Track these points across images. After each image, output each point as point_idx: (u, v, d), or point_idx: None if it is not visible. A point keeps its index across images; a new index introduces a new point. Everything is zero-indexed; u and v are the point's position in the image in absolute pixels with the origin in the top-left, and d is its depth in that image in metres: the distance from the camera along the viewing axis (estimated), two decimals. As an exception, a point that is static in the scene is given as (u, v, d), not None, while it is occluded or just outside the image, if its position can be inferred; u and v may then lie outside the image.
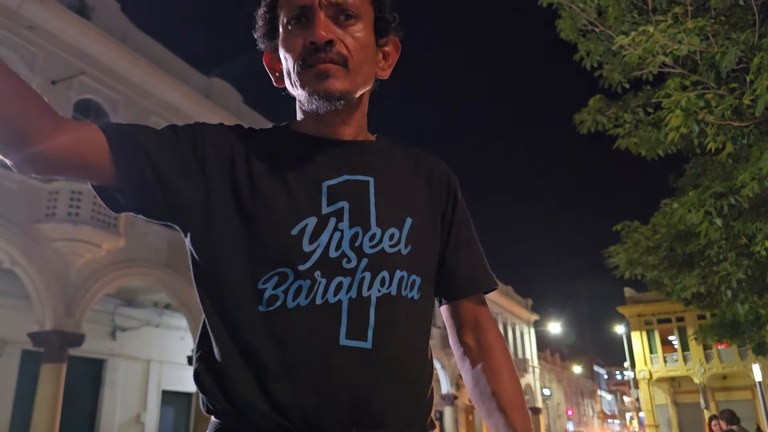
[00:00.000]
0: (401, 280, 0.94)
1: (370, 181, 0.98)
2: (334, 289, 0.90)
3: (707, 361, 39.05)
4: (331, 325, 0.89)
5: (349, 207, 0.95)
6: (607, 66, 8.47)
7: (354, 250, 0.92)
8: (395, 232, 0.96)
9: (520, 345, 41.52)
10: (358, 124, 1.05)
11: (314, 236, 0.92)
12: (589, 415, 64.91)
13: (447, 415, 27.65)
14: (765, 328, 12.36)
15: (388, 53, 1.07)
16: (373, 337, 0.90)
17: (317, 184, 0.95)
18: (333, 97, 0.94)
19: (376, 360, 0.90)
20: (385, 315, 0.91)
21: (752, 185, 6.89)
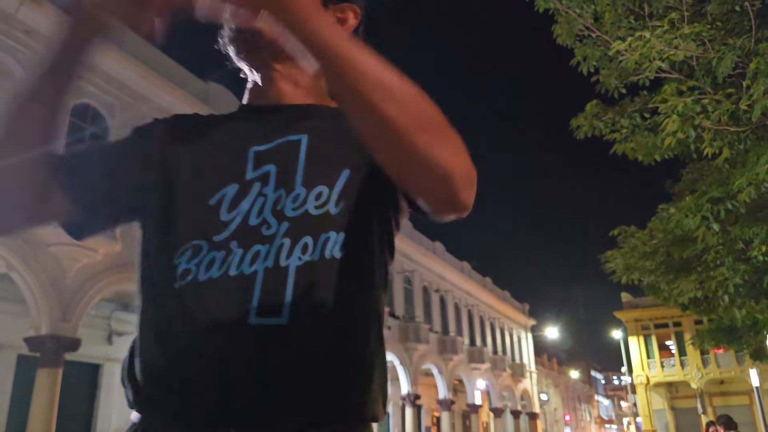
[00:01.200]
0: (325, 242, 0.82)
1: (303, 138, 0.88)
2: (251, 259, 0.80)
3: (704, 366, 39.05)
4: (243, 299, 0.78)
5: (276, 170, 0.86)
6: (604, 71, 8.49)
7: (275, 214, 0.83)
8: (323, 191, 0.84)
9: (517, 350, 41.47)
10: (302, 85, 0.97)
11: (233, 204, 0.84)
12: (587, 420, 64.84)
13: (444, 420, 27.59)
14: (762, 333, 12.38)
15: (343, 19, 1.00)
16: (290, 313, 0.78)
17: (243, 150, 0.88)
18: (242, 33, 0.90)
19: (293, 339, 0.77)
20: (305, 286, 0.80)
21: (749, 190, 6.91)
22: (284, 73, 0.96)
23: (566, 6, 8.13)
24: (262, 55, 0.94)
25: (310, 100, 0.96)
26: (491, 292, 38.11)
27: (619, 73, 8.32)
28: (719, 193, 7.64)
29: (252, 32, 0.89)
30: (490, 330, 36.81)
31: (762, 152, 6.91)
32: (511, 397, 37.36)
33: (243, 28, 0.90)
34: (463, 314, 33.09)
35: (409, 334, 24.04)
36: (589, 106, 8.86)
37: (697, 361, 39.04)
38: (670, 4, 7.86)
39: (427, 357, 25.68)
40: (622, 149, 8.76)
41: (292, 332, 0.78)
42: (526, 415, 39.84)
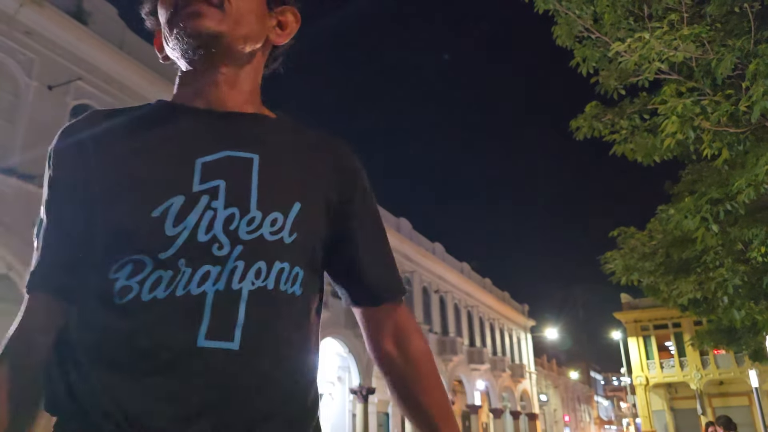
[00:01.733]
0: (281, 272, 0.82)
1: (255, 158, 0.87)
2: (200, 279, 0.78)
3: (704, 367, 39.06)
4: (191, 321, 0.77)
5: (226, 185, 0.83)
6: (603, 72, 8.50)
7: (227, 234, 0.80)
8: (278, 217, 0.84)
9: (516, 351, 41.48)
10: (247, 92, 0.95)
11: (180, 217, 0.80)
12: (586, 420, 64.83)
13: (444, 421, 27.54)
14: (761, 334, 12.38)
15: (285, 22, 1.01)
16: (241, 336, 0.78)
17: (190, 161, 0.84)
18: (201, 36, 0.87)
19: (244, 364, 0.77)
20: (258, 312, 0.79)
21: (748, 191, 6.92)
22: (228, 77, 0.93)
23: (566, 7, 8.14)
24: (213, 57, 0.91)
25: (250, 108, 0.95)
26: (491, 293, 38.11)
27: (618, 74, 8.34)
28: (718, 194, 7.64)
29: (210, 36, 0.88)
30: (490, 331, 36.81)
31: (761, 153, 6.92)
32: (511, 398, 37.36)
33: (201, 30, 0.88)
34: (463, 315, 33.10)
35: (409, 334, 24.04)
36: (588, 107, 8.87)
37: (696, 362, 39.04)
38: (670, 5, 7.87)
39: (426, 358, 25.65)
40: (622, 150, 8.77)
41: (242, 357, 0.77)
42: (526, 416, 39.83)
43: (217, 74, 0.92)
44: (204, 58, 0.90)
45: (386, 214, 26.47)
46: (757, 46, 7.18)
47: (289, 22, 1.02)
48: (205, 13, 0.87)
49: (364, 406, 20.35)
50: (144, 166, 0.84)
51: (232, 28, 0.89)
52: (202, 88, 0.93)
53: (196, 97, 0.93)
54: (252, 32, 0.93)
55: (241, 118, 0.92)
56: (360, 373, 20.75)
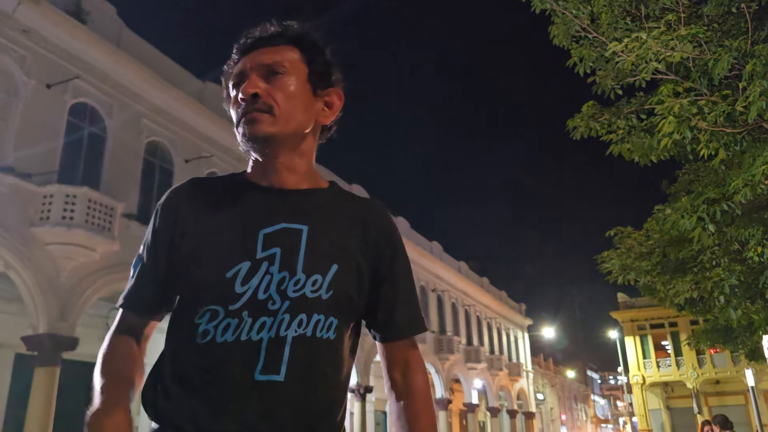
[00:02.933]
0: (318, 322, 1.05)
1: (304, 229, 1.09)
2: (258, 327, 1.01)
3: (700, 366, 39.14)
4: (251, 360, 1.00)
5: (281, 253, 1.06)
6: (600, 72, 8.51)
7: (279, 293, 1.03)
8: (318, 278, 1.06)
9: (513, 349, 41.52)
10: (301, 171, 1.16)
11: (246, 279, 1.03)
12: (583, 419, 64.91)
13: (441, 420, 27.62)
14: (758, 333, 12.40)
15: (331, 102, 1.21)
16: (286, 371, 1.01)
17: (255, 231, 1.07)
18: (258, 139, 1.10)
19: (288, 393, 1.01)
20: (299, 353, 1.02)
21: (745, 191, 6.94)
22: (285, 162, 1.15)
23: (563, 7, 8.16)
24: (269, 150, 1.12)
25: (305, 184, 1.17)
26: (488, 292, 38.14)
27: (615, 74, 8.34)
28: (715, 194, 7.66)
29: (265, 137, 1.10)
30: (487, 330, 36.84)
31: (758, 154, 6.94)
32: (508, 397, 37.40)
33: (257, 134, 1.10)
34: (460, 314, 33.12)
35: (406, 333, 24.04)
36: (585, 107, 8.88)
37: (692, 361, 39.12)
38: (667, 5, 7.89)
39: (424, 356, 25.46)
40: (619, 150, 8.78)
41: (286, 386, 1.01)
42: (523, 415, 39.87)
43: (276, 162, 1.14)
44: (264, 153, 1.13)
45: (384, 213, 26.40)
46: (754, 46, 7.21)
47: (334, 102, 1.21)
48: (259, 119, 1.09)
49: (362, 405, 20.37)
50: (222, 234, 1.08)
51: (283, 127, 1.11)
52: (266, 172, 1.16)
53: (263, 178, 1.16)
54: (300, 125, 1.14)
55: (296, 194, 1.14)
56: (358, 373, 20.75)
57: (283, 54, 1.14)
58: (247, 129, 1.10)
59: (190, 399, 1.00)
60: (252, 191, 1.14)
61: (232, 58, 1.19)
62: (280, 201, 1.12)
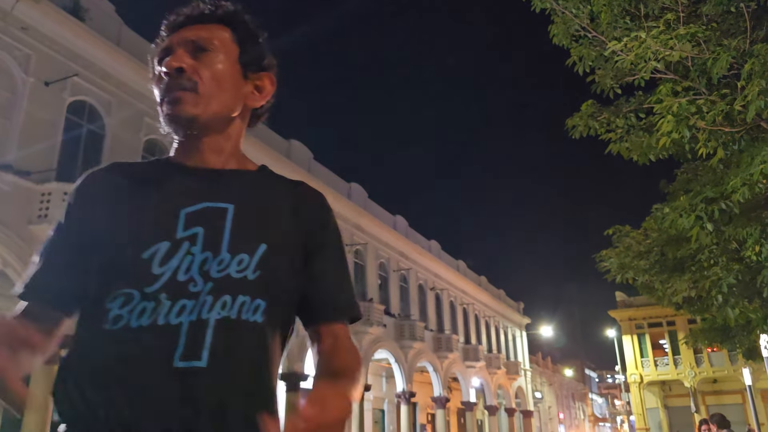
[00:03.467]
0: (243, 304, 0.97)
1: (229, 208, 1.03)
2: (177, 311, 0.94)
3: (698, 365, 39.22)
4: (170, 346, 0.92)
5: (204, 233, 1.00)
6: (600, 71, 8.52)
7: (201, 274, 0.97)
8: (245, 258, 0.99)
9: (512, 348, 41.56)
10: (227, 152, 1.11)
11: (165, 260, 0.96)
12: (581, 418, 65.03)
13: (439, 418, 27.65)
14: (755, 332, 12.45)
15: (262, 86, 1.16)
16: (209, 357, 0.93)
17: (175, 211, 1.01)
18: (181, 120, 1.05)
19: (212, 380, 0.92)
20: (223, 337, 0.94)
21: (743, 191, 6.95)
22: (210, 144, 1.10)
23: (562, 6, 8.17)
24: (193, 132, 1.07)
25: (232, 165, 1.12)
26: (486, 291, 38.17)
27: (614, 73, 8.36)
28: (713, 193, 7.68)
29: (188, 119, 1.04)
30: (485, 328, 36.88)
31: (756, 153, 6.96)
32: (506, 395, 37.44)
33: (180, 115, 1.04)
34: (459, 312, 33.15)
35: (405, 332, 24.08)
36: (584, 105, 8.90)
37: (690, 360, 39.20)
38: (666, 4, 7.90)
39: (422, 355, 25.72)
40: (617, 149, 8.80)
41: (209, 373, 0.92)
42: (521, 413, 39.93)
43: (201, 143, 1.09)
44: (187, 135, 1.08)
45: (382, 212, 26.47)
46: (752, 45, 7.22)
47: (265, 86, 1.17)
48: (182, 99, 1.04)
49: (359, 403, 20.37)
50: (140, 215, 1.01)
51: (206, 107, 1.05)
52: (190, 152, 1.10)
53: (187, 159, 1.10)
54: (226, 106, 1.09)
55: (222, 174, 1.09)
56: (356, 370, 20.78)
57: (212, 32, 1.10)
58: (169, 109, 1.05)
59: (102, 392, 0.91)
60: (174, 172, 1.09)
61: (160, 35, 1.13)
62: (205, 180, 1.07)
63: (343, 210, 22.62)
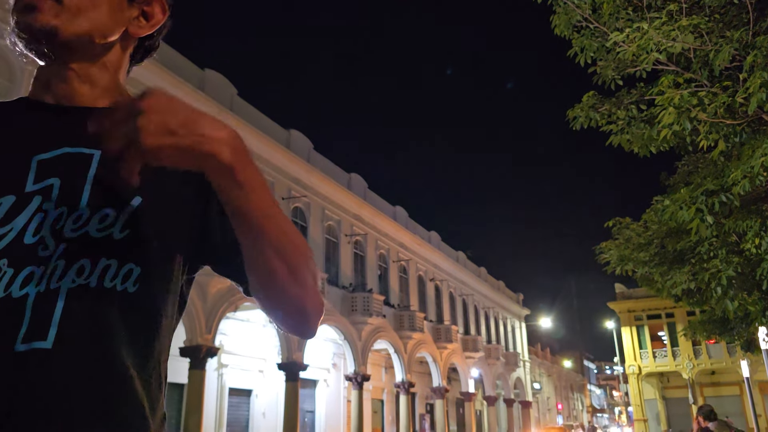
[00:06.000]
0: (106, 269, 0.77)
1: (95, 154, 0.82)
2: (22, 281, 0.75)
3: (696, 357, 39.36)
4: (11, 325, 0.72)
5: (61, 184, 0.80)
6: (601, 62, 8.49)
7: (54, 234, 0.77)
8: (109, 213, 0.79)
9: (511, 339, 41.70)
10: (101, 87, 0.90)
11: (8, 218, 0.77)
12: (579, 408, 65.36)
13: (438, 408, 27.77)
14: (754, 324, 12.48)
15: (150, 13, 0.95)
16: (56, 335, 0.73)
17: (26, 158, 0.81)
18: (36, 32, 0.82)
19: (60, 365, 0.72)
20: (77, 310, 0.75)
21: (743, 183, 6.94)
22: (78, 72, 0.88)
23: (565, -3, 8.12)
24: (56, 53, 0.85)
25: (106, 101, 0.88)
26: (486, 282, 38.24)
27: (616, 64, 8.33)
28: (714, 185, 7.67)
29: (46, 31, 0.83)
30: (485, 319, 36.98)
31: (757, 145, 6.94)
32: (505, 386, 37.61)
33: (34, 25, 0.83)
34: (458, 303, 33.22)
35: (404, 322, 24.14)
36: (585, 97, 8.87)
37: (688, 352, 39.33)
38: (669, -5, 7.86)
39: (421, 345, 25.80)
40: (618, 141, 8.78)
41: (55, 356, 0.72)
42: (519, 404, 40.13)
43: (66, 69, 0.87)
44: (41, 54, 0.85)
45: (382, 203, 26.47)
46: (755, 37, 7.18)
47: (154, 13, 0.96)
48: (39, 7, 0.82)
49: (358, 393, 20.46)
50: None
51: (70, 21, 0.84)
52: (51, 83, 0.88)
53: (46, 93, 0.88)
54: (98, 26, 0.87)
55: (88, 113, 0.85)
56: (355, 360, 20.84)
57: None
58: (20, 17, 0.83)
59: None
60: (30, 110, 0.87)
61: None
62: (67, 120, 0.85)
63: (343, 201, 22.61)
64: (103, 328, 0.76)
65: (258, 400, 20.37)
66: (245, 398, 19.30)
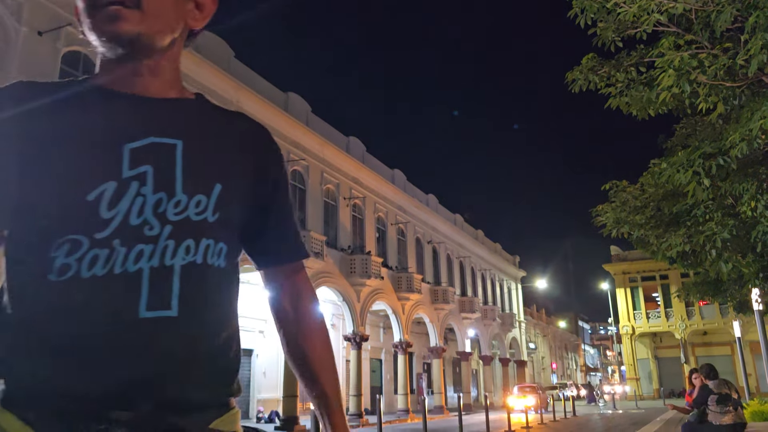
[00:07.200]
0: (207, 248, 0.91)
1: (178, 144, 0.93)
2: (135, 257, 0.85)
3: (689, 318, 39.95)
4: (132, 296, 0.83)
5: (153, 172, 0.89)
6: (601, 24, 8.40)
7: (157, 216, 0.87)
8: (202, 199, 0.91)
9: (507, 301, 42.16)
10: (167, 77, 0.99)
11: (113, 202, 0.86)
12: (573, 368, 66.54)
13: (435, 367, 28.29)
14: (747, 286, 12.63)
15: (203, 4, 1.03)
16: (179, 305, 0.86)
17: (118, 147, 0.89)
18: (123, 40, 0.90)
19: (184, 328, 0.86)
20: (191, 283, 0.88)
21: (741, 146, 6.97)
22: (150, 67, 0.96)
23: (566, -44, 7.99)
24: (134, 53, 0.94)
25: (172, 93, 0.99)
26: (483, 244, 38.47)
27: (616, 26, 8.24)
28: (712, 148, 7.69)
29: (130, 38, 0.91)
30: (481, 281, 37.32)
31: (756, 108, 6.94)
32: (500, 346, 38.20)
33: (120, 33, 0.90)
34: (455, 265, 33.48)
35: (402, 284, 24.38)
36: (585, 59, 8.80)
37: (681, 313, 39.89)
38: (671, -45, 7.73)
39: (419, 306, 26.11)
40: (617, 104, 8.76)
41: (180, 322, 0.85)
42: (515, 363, 40.82)
43: (140, 65, 0.95)
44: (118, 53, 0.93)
45: (381, 166, 26.41)
46: (757, -2, 7.10)
47: (206, 4, 1.04)
48: (122, 15, 0.89)
49: (357, 353, 20.80)
50: (75, 150, 0.88)
51: (151, 26, 0.92)
52: (126, 76, 0.95)
53: (121, 84, 0.95)
54: (170, 24, 0.96)
55: (164, 104, 0.96)
56: (353, 321, 21.12)
57: None
58: (106, 27, 0.90)
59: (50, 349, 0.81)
60: (109, 99, 0.94)
61: None
62: (147, 111, 0.94)
63: (341, 164, 22.56)
64: (211, 298, 0.91)
65: (259, 360, 20.71)
66: (246, 358, 19.62)
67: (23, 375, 0.83)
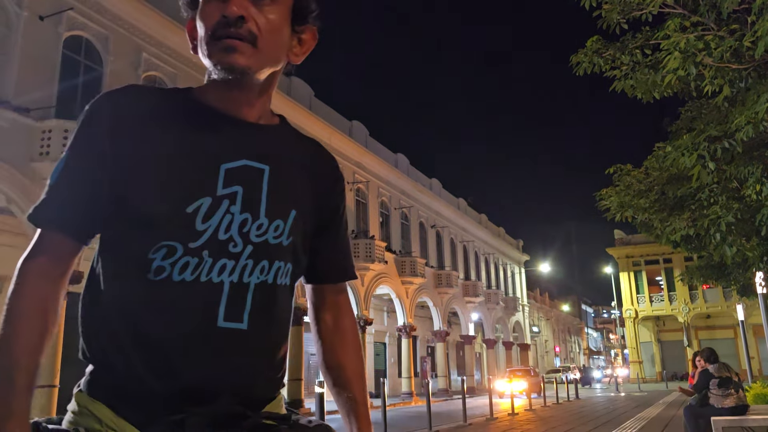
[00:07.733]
0: (278, 269, 1.01)
1: (266, 170, 1.02)
2: (219, 269, 0.94)
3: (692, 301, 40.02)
4: (212, 304, 0.94)
5: (243, 192, 0.98)
6: (606, 5, 8.31)
7: (241, 236, 0.97)
8: (280, 224, 1.01)
9: (510, 284, 42.26)
10: (262, 105, 1.08)
11: (207, 216, 0.94)
12: (576, 351, 66.81)
13: (438, 350, 28.44)
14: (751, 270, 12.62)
15: (305, 40, 1.10)
16: (249, 320, 0.96)
17: (216, 165, 0.98)
18: (235, 71, 0.97)
19: (251, 341, 0.97)
20: (260, 300, 0.98)
21: (747, 129, 6.92)
22: (251, 96, 1.04)
23: (571, -64, 7.89)
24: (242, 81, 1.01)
25: (264, 119, 1.08)
26: (486, 229, 38.47)
27: (622, 7, 8.16)
28: (717, 131, 7.64)
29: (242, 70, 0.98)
30: (485, 265, 37.39)
31: (762, 91, 6.88)
32: (504, 329, 38.36)
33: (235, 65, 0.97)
34: (459, 249, 33.52)
35: (406, 268, 24.44)
36: (590, 42, 8.72)
37: (684, 297, 39.95)
38: (678, -65, 7.63)
39: (422, 290, 26.19)
40: (622, 87, 8.69)
41: (249, 335, 0.96)
42: (518, 347, 41.01)
43: (243, 91, 1.03)
44: (232, 81, 1.00)
45: (384, 150, 26.36)
46: (765, -21, 7.01)
47: (308, 41, 1.11)
48: (240, 50, 0.97)
49: (362, 336, 20.90)
50: (181, 163, 0.96)
51: (262, 62, 1.00)
52: (229, 99, 1.03)
53: (224, 104, 1.03)
54: (276, 60, 1.04)
55: (257, 129, 1.05)
56: (358, 305, 21.22)
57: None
58: (222, 57, 0.97)
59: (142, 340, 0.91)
60: (209, 117, 1.02)
61: None
62: (242, 134, 1.03)
63: (344, 148, 22.52)
64: (276, 314, 1.02)
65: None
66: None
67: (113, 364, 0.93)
